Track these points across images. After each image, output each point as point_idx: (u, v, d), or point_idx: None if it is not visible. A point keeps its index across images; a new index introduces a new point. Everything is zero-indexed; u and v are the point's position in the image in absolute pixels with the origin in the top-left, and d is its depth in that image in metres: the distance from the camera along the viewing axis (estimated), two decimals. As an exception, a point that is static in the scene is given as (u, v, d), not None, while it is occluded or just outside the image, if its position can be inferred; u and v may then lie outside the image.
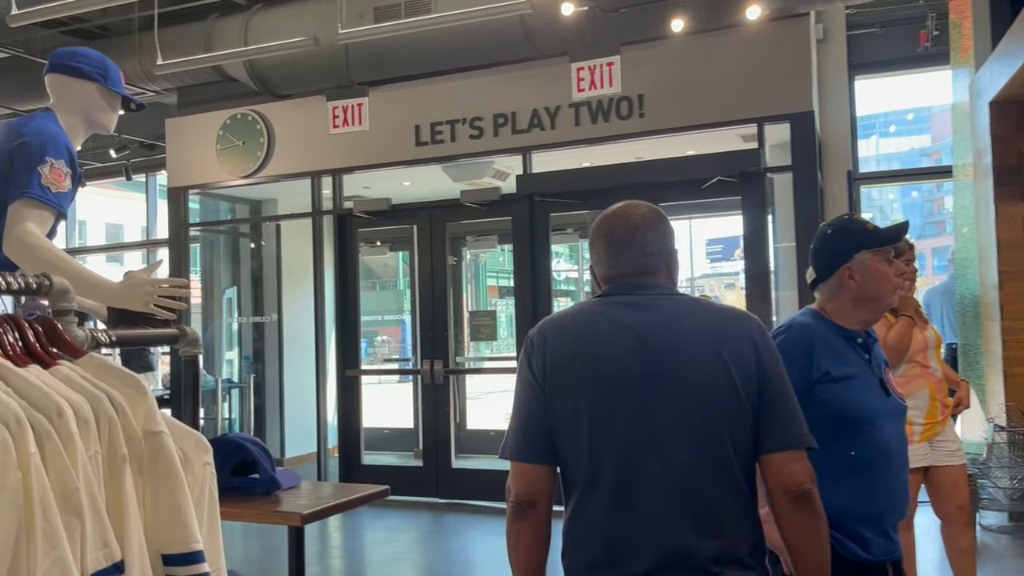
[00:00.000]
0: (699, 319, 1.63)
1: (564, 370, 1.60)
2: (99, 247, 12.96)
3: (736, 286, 27.80)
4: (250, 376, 8.57)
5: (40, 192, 2.18)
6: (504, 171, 7.23)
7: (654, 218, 1.70)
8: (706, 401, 1.56)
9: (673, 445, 1.55)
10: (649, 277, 1.67)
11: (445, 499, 6.76)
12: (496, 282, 18.93)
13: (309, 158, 7.23)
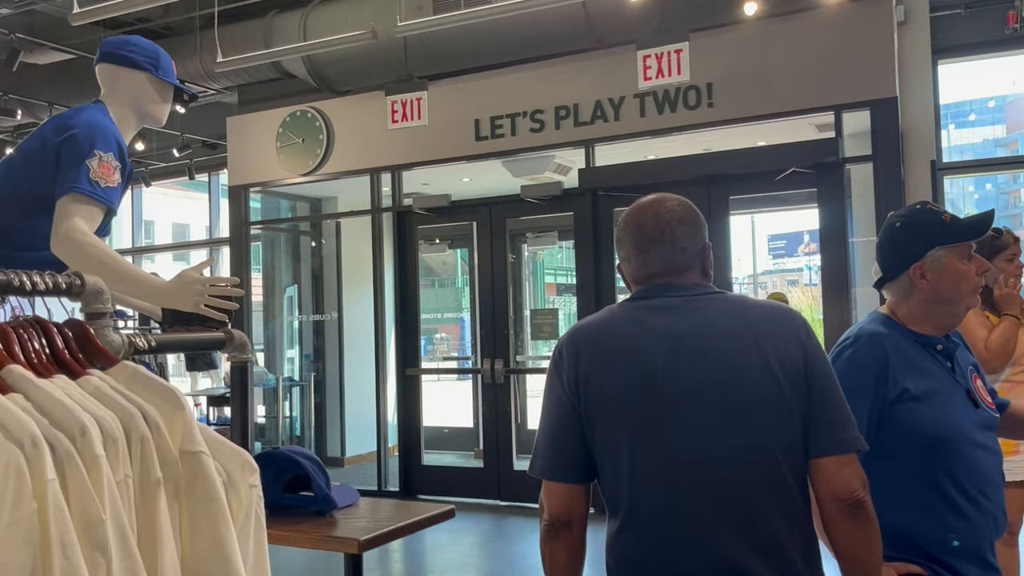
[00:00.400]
0: (737, 318, 1.54)
1: (598, 382, 1.52)
2: (161, 246, 13.13)
3: (799, 283, 27.11)
4: (311, 374, 8.55)
5: (88, 187, 2.08)
6: (566, 165, 7.04)
7: (685, 211, 1.61)
8: (751, 406, 1.47)
9: (718, 455, 1.47)
10: (680, 276, 1.59)
11: (506, 501, 6.61)
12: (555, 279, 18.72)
13: (368, 155, 7.15)
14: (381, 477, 7.12)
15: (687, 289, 1.59)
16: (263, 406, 8.43)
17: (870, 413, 1.77)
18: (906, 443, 1.76)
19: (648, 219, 1.61)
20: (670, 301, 1.57)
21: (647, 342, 1.52)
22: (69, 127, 2.15)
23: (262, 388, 8.33)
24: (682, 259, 1.58)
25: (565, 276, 20.37)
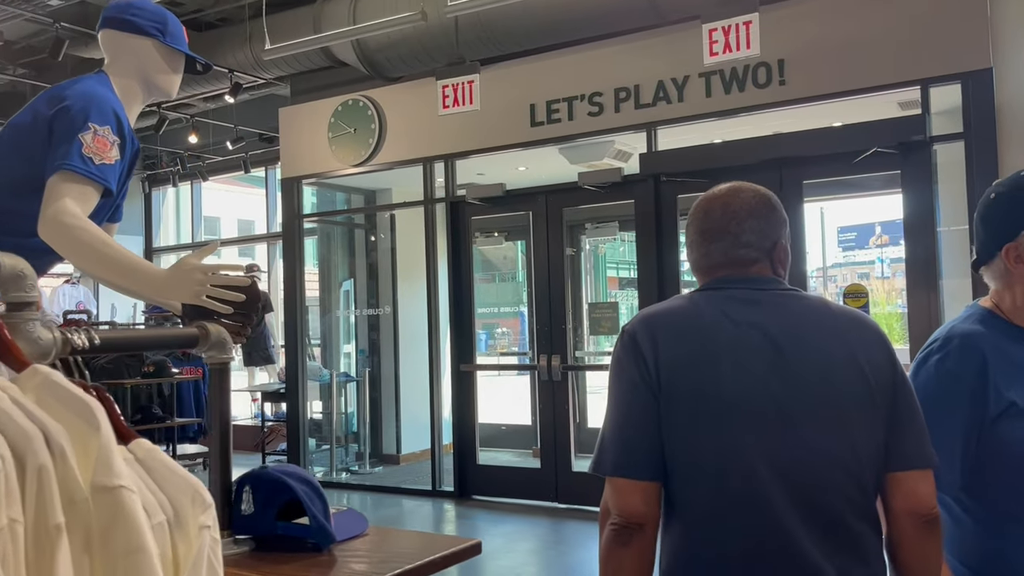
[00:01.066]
0: (826, 318, 1.45)
1: (682, 372, 1.40)
2: (206, 241, 13.11)
3: (871, 276, 26.13)
4: (365, 370, 8.38)
5: (81, 163, 1.85)
6: (626, 151, 6.69)
7: (758, 204, 1.50)
8: (844, 412, 1.38)
9: (809, 461, 1.37)
10: (744, 269, 1.49)
11: (564, 504, 6.31)
12: (616, 272, 18.30)
13: (421, 143, 6.92)
14: (435, 476, 6.90)
15: (762, 283, 1.48)
16: (319, 402, 8.29)
17: (965, 432, 1.52)
18: (1011, 465, 1.48)
19: (716, 208, 1.51)
20: (752, 294, 1.46)
21: (737, 335, 1.41)
22: (62, 98, 1.93)
23: (317, 384, 8.20)
24: (745, 253, 1.48)
25: (627, 269, 19.94)
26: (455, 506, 6.53)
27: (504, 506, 6.42)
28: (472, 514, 6.29)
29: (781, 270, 1.52)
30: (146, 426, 5.73)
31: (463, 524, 6.09)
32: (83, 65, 8.07)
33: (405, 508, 6.55)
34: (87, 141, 1.87)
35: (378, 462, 8.34)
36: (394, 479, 7.57)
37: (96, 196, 1.90)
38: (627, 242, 17.34)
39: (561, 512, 6.18)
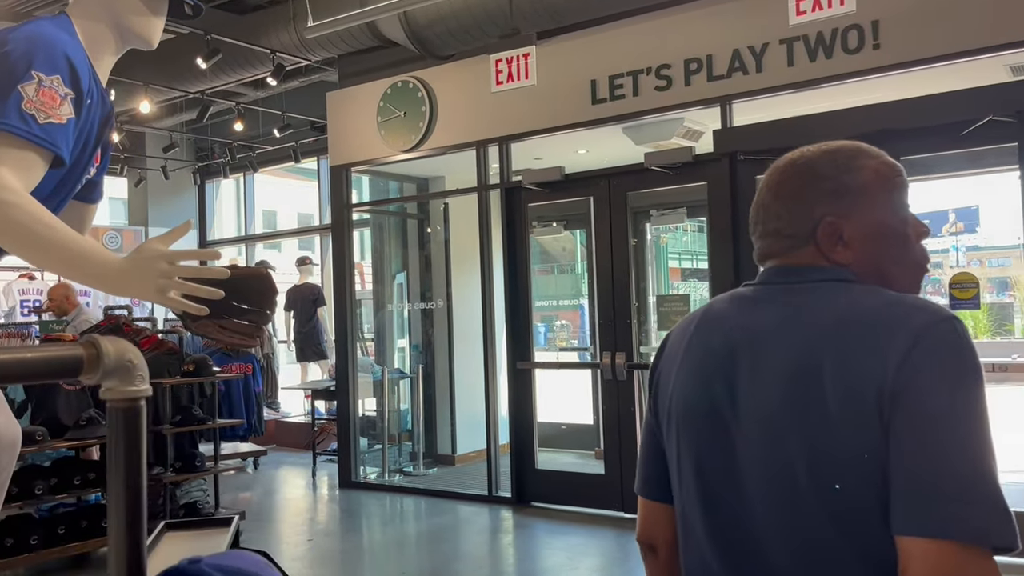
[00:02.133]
0: (823, 318, 1.12)
1: (664, 386, 1.30)
2: (260, 235, 12.93)
3: (943, 265, 25.05)
4: (419, 366, 8.00)
5: (20, 122, 1.44)
6: (697, 129, 6.14)
7: (788, 177, 1.24)
8: (787, 442, 1.08)
9: (759, 514, 1.12)
10: (783, 257, 1.23)
11: (631, 513, 5.81)
12: (679, 263, 17.65)
13: (474, 126, 6.48)
14: (492, 481, 6.47)
15: (792, 275, 1.21)
16: (372, 399, 7.94)
17: None
18: None
19: (762, 182, 1.29)
20: (761, 291, 1.24)
21: (708, 342, 1.23)
22: (3, 43, 1.52)
23: (370, 380, 7.85)
24: (771, 244, 1.24)
25: (690, 260, 19.27)
26: (513, 514, 6.09)
27: (565, 515, 5.95)
28: (531, 524, 5.85)
29: (830, 252, 1.19)
30: (186, 428, 5.42)
31: (522, 535, 5.65)
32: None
33: (460, 516, 6.13)
34: (29, 94, 1.46)
35: (433, 463, 7.96)
36: (449, 482, 7.17)
37: (42, 164, 1.48)
38: (690, 232, 16.69)
39: (627, 523, 5.69)
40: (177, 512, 5.37)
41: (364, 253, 9.02)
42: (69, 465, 5.07)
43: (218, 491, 5.63)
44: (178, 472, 5.34)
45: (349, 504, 6.67)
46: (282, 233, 13.72)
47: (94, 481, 4.96)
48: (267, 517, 6.28)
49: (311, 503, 6.85)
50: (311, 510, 6.60)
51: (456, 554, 5.23)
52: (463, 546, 5.46)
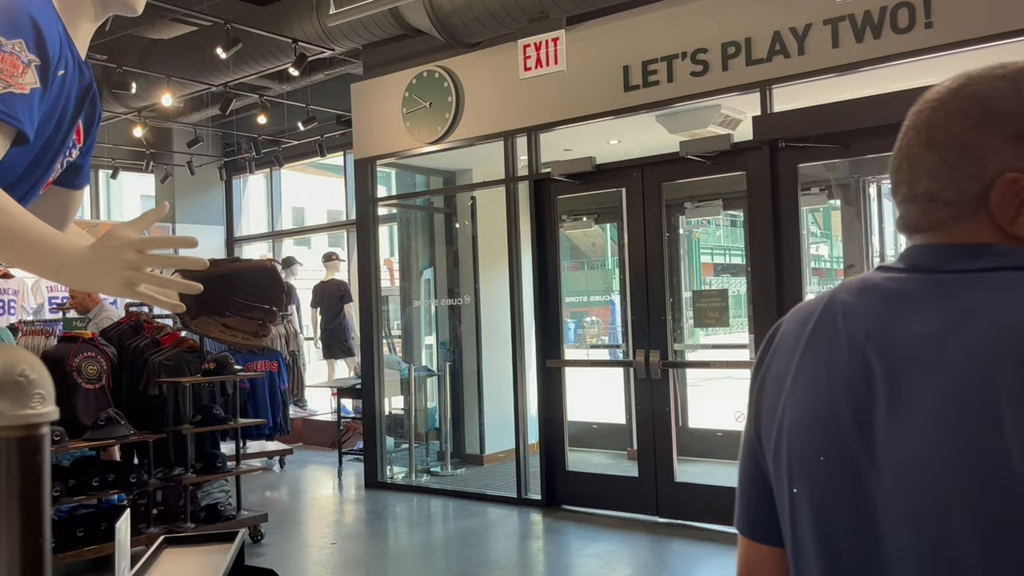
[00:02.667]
0: (1001, 326, 0.76)
1: (770, 398, 0.95)
2: (287, 231, 12.82)
3: None
4: (446, 363, 7.82)
5: (-29, 92, 1.25)
6: (734, 117, 5.87)
7: (949, 116, 0.86)
8: (969, 522, 0.75)
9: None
10: (938, 231, 0.87)
11: (666, 518, 5.58)
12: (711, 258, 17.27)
13: (501, 116, 6.27)
14: (521, 482, 6.26)
15: (953, 259, 0.85)
16: (400, 397, 7.77)
17: None
18: None
19: (906, 122, 0.94)
20: (906, 282, 0.87)
21: (838, 355, 0.88)
22: None
23: (397, 378, 7.68)
24: (930, 204, 0.87)
25: (723, 255, 18.85)
26: (543, 518, 5.88)
27: (597, 519, 5.73)
28: (561, 528, 5.63)
29: (1010, 226, 0.83)
30: (206, 428, 5.27)
31: (552, 540, 5.44)
32: (153, 46, 7.74)
33: (488, 518, 5.94)
34: (-16, 60, 1.27)
35: (461, 462, 7.77)
36: (478, 482, 6.98)
37: (2, 141, 1.30)
38: (724, 226, 16.25)
39: (662, 528, 5.45)
40: (198, 514, 5.23)
41: (392, 249, 8.85)
42: (89, 465, 4.95)
43: (240, 492, 5.48)
44: (199, 473, 5.20)
45: (375, 505, 6.51)
46: (310, 229, 13.63)
47: (113, 483, 4.84)
48: (291, 518, 6.13)
49: (336, 504, 6.69)
50: (336, 511, 6.44)
51: (484, 560, 5.04)
52: (491, 552, 5.27)
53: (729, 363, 6.66)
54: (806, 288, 5.20)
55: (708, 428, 7.73)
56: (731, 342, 8.55)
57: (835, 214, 7.56)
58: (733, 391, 8.62)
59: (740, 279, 11.98)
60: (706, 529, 5.35)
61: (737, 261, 18.55)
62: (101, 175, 10.97)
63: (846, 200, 7.00)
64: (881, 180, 6.76)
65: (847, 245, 7.09)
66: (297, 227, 13.19)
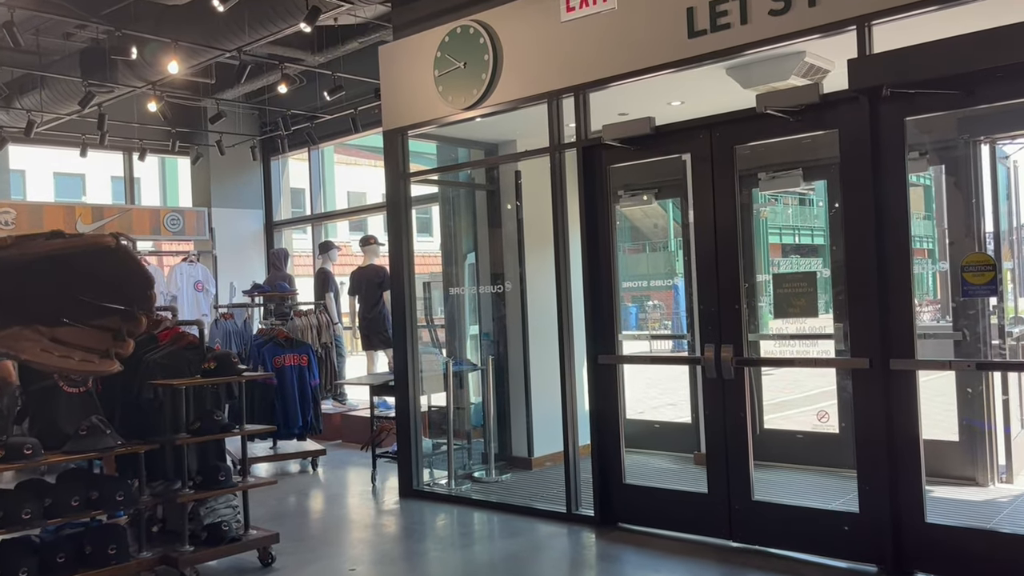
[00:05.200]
0: None
1: None
2: (326, 214, 12.17)
3: None
4: (489, 357, 7.06)
5: None
6: (821, 67, 4.94)
7: None
8: None
9: None
10: None
11: (740, 543, 4.72)
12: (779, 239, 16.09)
13: (545, 74, 5.44)
14: (572, 495, 5.47)
15: None
16: (441, 394, 7.03)
17: None
18: None
19: None
20: None
21: None
22: None
23: (439, 373, 6.95)
24: None
25: (791, 235, 17.56)
26: (596, 539, 5.07)
27: (659, 542, 4.90)
28: (617, 553, 4.82)
29: None
30: (204, 437, 4.59)
31: (606, 570, 4.62)
32: (167, 13, 7.12)
33: (535, 539, 5.16)
34: None
35: (507, 466, 7.02)
36: (525, 491, 6.21)
37: None
38: (791, 205, 14.92)
39: (737, 556, 4.60)
40: (199, 534, 4.58)
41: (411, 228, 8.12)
42: (74, 480, 4.33)
43: (248, 509, 4.81)
44: (198, 488, 4.54)
45: (408, 520, 5.79)
46: (348, 212, 12.98)
47: (97, 501, 4.20)
48: (310, 536, 5.46)
49: (364, 517, 6.00)
50: (363, 527, 5.74)
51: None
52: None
53: (818, 361, 5.74)
54: (914, 271, 4.26)
55: (786, 429, 6.81)
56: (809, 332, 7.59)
57: (918, 187, 6.50)
58: (813, 383, 7.68)
59: (811, 261, 10.87)
60: (789, 559, 4.48)
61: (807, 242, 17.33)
62: (123, 156, 10.46)
63: (950, 167, 5.97)
64: (997, 140, 5.72)
65: (951, 221, 6.06)
66: (334, 210, 12.55)
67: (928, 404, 4.55)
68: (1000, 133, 5.66)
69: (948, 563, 4.03)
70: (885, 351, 4.16)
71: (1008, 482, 5.76)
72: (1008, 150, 6.29)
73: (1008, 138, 5.82)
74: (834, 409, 6.36)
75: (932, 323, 6.26)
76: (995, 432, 5.71)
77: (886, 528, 4.18)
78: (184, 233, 10.42)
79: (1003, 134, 5.69)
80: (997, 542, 4.02)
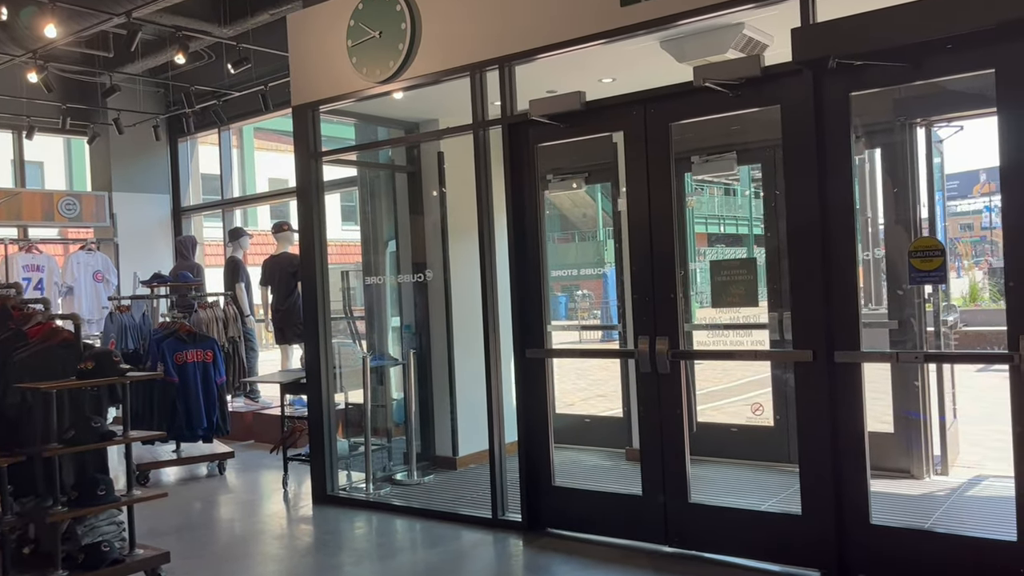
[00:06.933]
0: None
1: None
2: (236, 200, 11.54)
3: (976, 226, 23.26)
4: (410, 351, 6.62)
5: None
6: (759, 40, 4.65)
7: None
8: None
9: None
10: None
11: (676, 547, 4.43)
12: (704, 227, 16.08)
13: (467, 45, 5.02)
14: (498, 500, 5.09)
15: None
16: (358, 391, 6.56)
17: None
18: None
19: None
20: None
21: None
22: None
23: (357, 369, 6.48)
24: None
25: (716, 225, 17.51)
26: (524, 547, 4.71)
27: (591, 548, 4.58)
28: (546, 563, 4.47)
29: None
30: (77, 448, 4.03)
31: (532, 582, 4.28)
32: None
33: (459, 548, 4.77)
34: None
35: (430, 466, 6.61)
36: (449, 494, 5.81)
37: None
38: (716, 196, 14.77)
39: (672, 562, 4.30)
40: (75, 556, 4.03)
41: (323, 213, 7.62)
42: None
43: (133, 525, 4.28)
44: (73, 504, 4.00)
45: (321, 530, 5.33)
46: (258, 197, 12.32)
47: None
48: (208, 552, 4.95)
49: (272, 527, 5.51)
50: (270, 539, 5.26)
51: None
52: (455, 598, 4.11)
53: (758, 353, 5.49)
54: (859, 256, 4.01)
55: (720, 422, 6.57)
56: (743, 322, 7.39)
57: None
58: (742, 372, 7.48)
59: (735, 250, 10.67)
60: (728, 564, 4.20)
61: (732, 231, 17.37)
62: (12, 135, 9.61)
63: (886, 151, 5.80)
64: (934, 122, 5.55)
65: (886, 206, 5.89)
66: (244, 195, 11.89)
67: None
68: (937, 115, 5.50)
69: (894, 567, 3.80)
70: (829, 343, 3.89)
71: (943, 474, 5.63)
72: (943, 134, 6.16)
73: (944, 120, 5.67)
74: (768, 400, 6.15)
75: (864, 311, 6.10)
76: (931, 423, 5.57)
77: (830, 531, 3.92)
78: (81, 219, 9.63)
79: (939, 116, 5.52)
80: (942, 544, 3.81)
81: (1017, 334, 3.44)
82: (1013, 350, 3.44)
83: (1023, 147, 3.44)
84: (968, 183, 23.34)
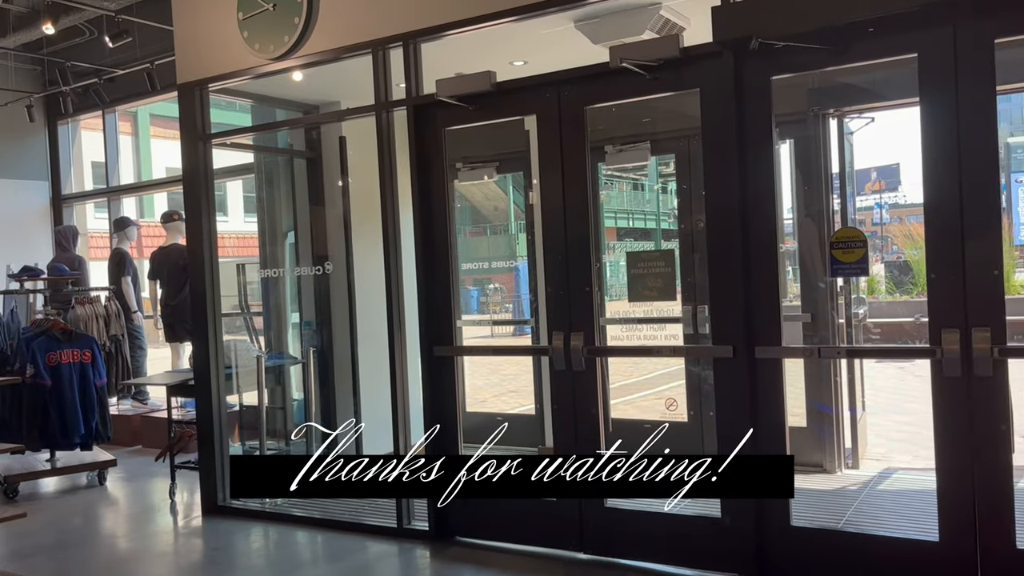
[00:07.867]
0: None
1: None
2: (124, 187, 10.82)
3: (867, 223, 24.30)
4: (310, 348, 6.22)
5: None
6: (677, 22, 4.46)
7: None
8: None
9: None
10: None
11: (591, 554, 4.22)
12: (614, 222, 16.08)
13: (369, 20, 4.67)
14: (402, 507, 4.77)
15: None
16: (253, 393, 6.11)
17: None
18: None
19: None
20: None
21: None
22: None
23: (253, 368, 6.03)
24: None
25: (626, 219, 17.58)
26: (431, 558, 4.41)
27: (501, 557, 4.32)
28: (452, 570, 4.18)
29: None
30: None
31: (440, 597, 3.99)
32: None
33: (359, 563, 4.44)
34: None
35: (334, 471, 6.21)
36: (351, 502, 5.42)
37: None
38: (624, 191, 14.74)
39: (588, 570, 4.08)
40: (-85, 590, 3.52)
41: (212, 202, 7.15)
42: None
43: (-13, 551, 3.79)
44: (-89, 531, 3.48)
45: (210, 545, 4.90)
46: (143, 185, 11.60)
47: None
48: (81, 573, 4.46)
49: (155, 544, 5.04)
50: (152, 558, 4.79)
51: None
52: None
53: (677, 349, 5.34)
54: (780, 249, 3.87)
55: (633, 418, 6.41)
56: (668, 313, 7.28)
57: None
58: (653, 365, 7.36)
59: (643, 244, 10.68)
60: (645, 570, 4.01)
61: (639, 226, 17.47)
62: None
63: (800, 142, 5.73)
64: (847, 113, 5.51)
65: (798, 198, 5.83)
66: (130, 183, 11.15)
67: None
68: (849, 106, 5.46)
69: (816, 571, 3.68)
70: (749, 338, 3.73)
71: (855, 467, 5.62)
72: (854, 126, 6.15)
73: (856, 111, 5.63)
74: (682, 394, 6.02)
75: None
76: (842, 417, 5.55)
77: (750, 534, 3.78)
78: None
79: (852, 107, 5.49)
80: (863, 544, 3.70)
81: (939, 328, 3.34)
82: (935, 344, 3.34)
83: (944, 134, 3.34)
84: (860, 181, 24.46)
